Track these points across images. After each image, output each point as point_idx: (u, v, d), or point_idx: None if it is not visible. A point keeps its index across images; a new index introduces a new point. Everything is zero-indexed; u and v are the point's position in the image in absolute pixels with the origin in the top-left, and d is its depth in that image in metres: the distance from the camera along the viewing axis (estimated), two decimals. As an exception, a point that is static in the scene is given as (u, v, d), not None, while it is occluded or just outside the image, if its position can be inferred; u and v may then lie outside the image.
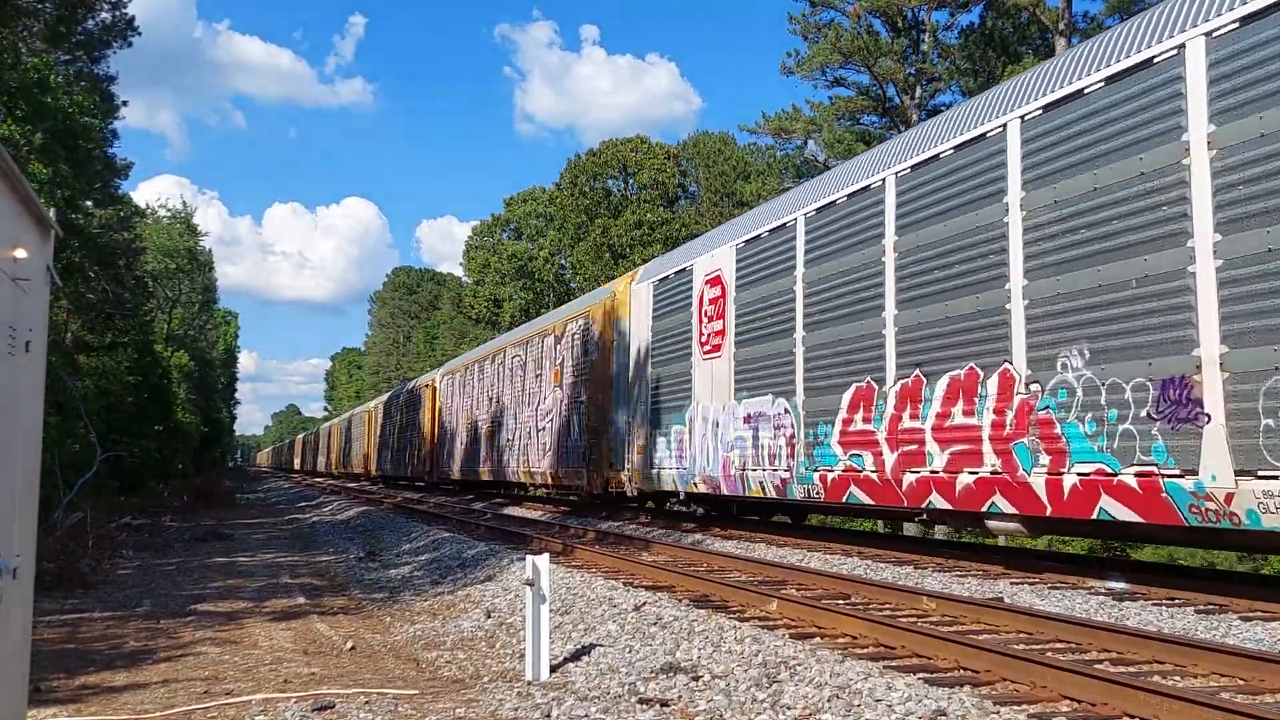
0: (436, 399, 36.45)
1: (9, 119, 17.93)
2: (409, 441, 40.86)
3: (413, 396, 40.62)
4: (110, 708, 5.95)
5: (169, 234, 48.72)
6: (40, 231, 3.57)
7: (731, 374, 14.91)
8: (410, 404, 41.18)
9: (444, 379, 35.86)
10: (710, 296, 15.74)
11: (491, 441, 28.03)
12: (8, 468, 3.21)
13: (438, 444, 35.69)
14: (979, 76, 31.75)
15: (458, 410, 32.93)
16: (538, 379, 24.11)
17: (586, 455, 20.37)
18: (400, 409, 43.87)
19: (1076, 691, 5.13)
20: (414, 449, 39.56)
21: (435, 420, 36.27)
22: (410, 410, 40.90)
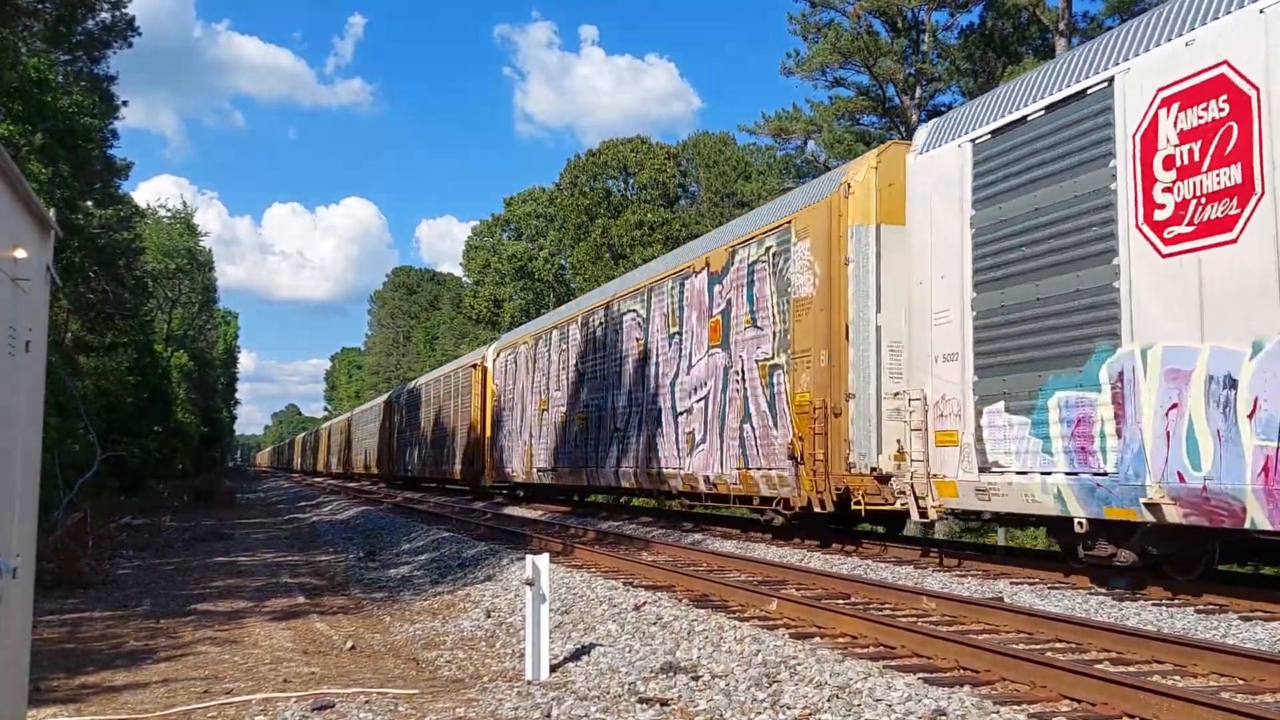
0: (488, 382, 29.48)
1: (9, 119, 17.92)
2: (444, 437, 34.28)
3: (453, 383, 33.93)
4: (110, 707, 5.95)
5: (169, 234, 48.72)
6: (40, 231, 3.57)
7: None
8: (450, 391, 34.12)
9: (500, 356, 28.88)
10: (1191, 125, 8.01)
11: (591, 432, 20.82)
12: (8, 468, 3.21)
13: (492, 438, 28.71)
14: (979, 77, 31.74)
15: (523, 393, 26.10)
16: (673, 340, 17.22)
17: (795, 449, 13.25)
18: (430, 400, 37.43)
19: (1076, 691, 5.13)
20: (453, 445, 32.96)
21: (487, 408, 29.48)
22: (449, 399, 34.18)
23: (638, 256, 44.46)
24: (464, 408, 31.71)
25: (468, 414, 31.09)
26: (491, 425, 28.82)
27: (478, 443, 29.98)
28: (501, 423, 27.91)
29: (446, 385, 34.61)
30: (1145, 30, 8.72)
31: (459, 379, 32.84)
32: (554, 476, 23.24)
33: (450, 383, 34.10)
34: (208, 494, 34.62)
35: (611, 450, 19.65)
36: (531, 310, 54.74)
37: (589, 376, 21.20)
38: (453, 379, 33.80)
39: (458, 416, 32.51)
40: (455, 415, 32.85)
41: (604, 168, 51.42)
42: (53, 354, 15.89)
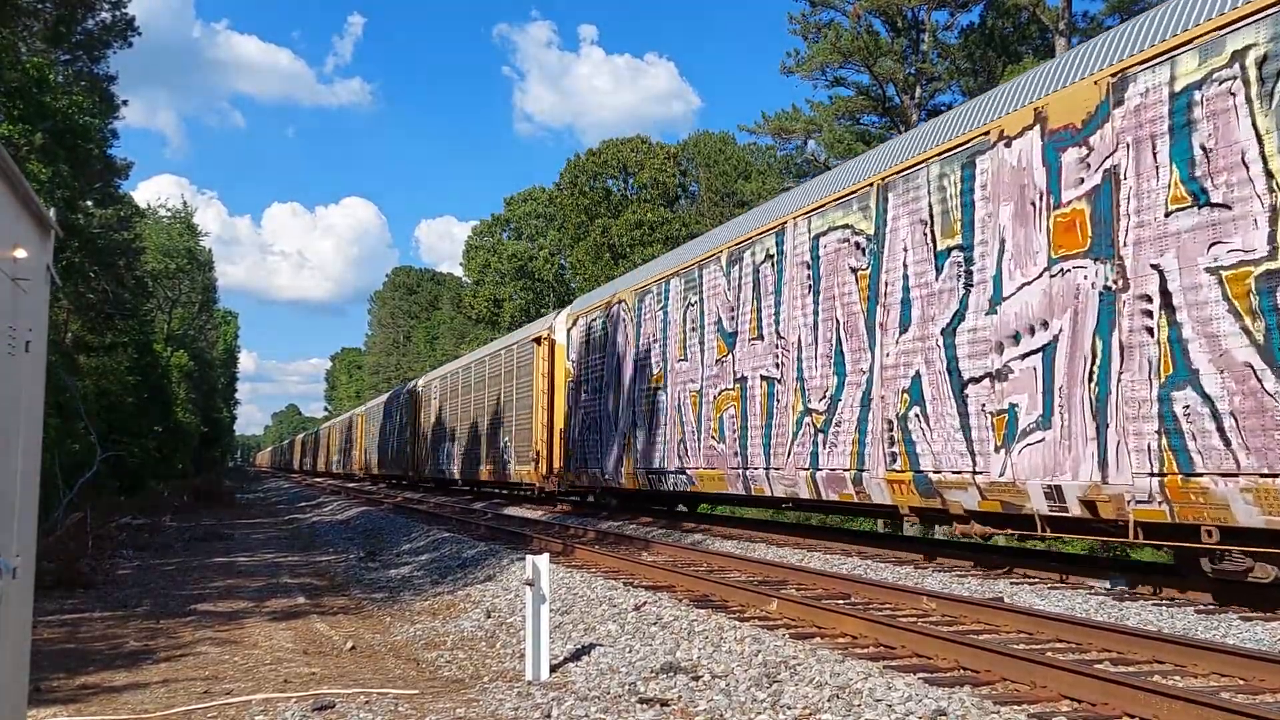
0: (558, 359, 22.77)
1: (9, 119, 17.93)
2: (497, 427, 27.42)
3: (506, 362, 27.00)
4: (110, 708, 5.95)
5: (169, 234, 48.72)
6: (40, 231, 3.57)
7: None
8: (504, 373, 27.42)
9: (578, 324, 21.77)
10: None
11: (756, 418, 14.09)
12: (7, 468, 3.21)
13: (565, 430, 22.09)
14: (979, 76, 31.75)
15: (619, 367, 19.39)
16: (948, 262, 10.58)
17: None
18: (469, 386, 31.08)
19: (1076, 691, 5.13)
20: (505, 440, 26.34)
21: (559, 391, 22.56)
22: (500, 383, 27.60)
23: (638, 256, 44.47)
24: (525, 392, 24.99)
25: (528, 400, 24.42)
26: (565, 413, 21.97)
27: (547, 436, 22.96)
28: (581, 407, 21.13)
29: (496, 367, 28.45)
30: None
31: (515, 358, 26.33)
32: (684, 481, 16.36)
33: (503, 362, 27.62)
34: (208, 494, 34.65)
35: (803, 442, 12.81)
36: (531, 310, 54.74)
37: (745, 337, 14.56)
38: (506, 358, 27.31)
39: (513, 405, 25.96)
40: (510, 403, 26.26)
41: (604, 167, 51.43)
42: (53, 354, 15.89)
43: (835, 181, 12.85)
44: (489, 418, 28.52)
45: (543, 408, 23.20)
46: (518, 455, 25.25)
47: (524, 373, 25.20)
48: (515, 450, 25.50)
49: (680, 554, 12.65)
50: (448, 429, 33.90)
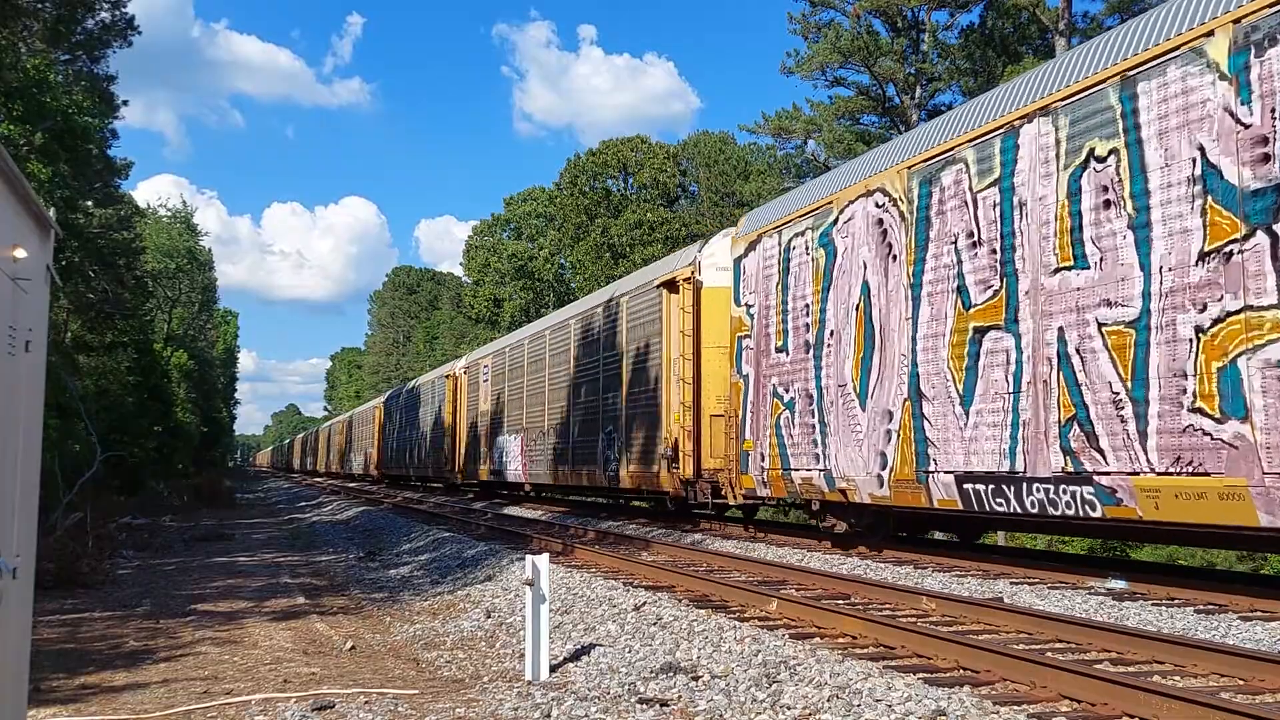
0: (713, 308, 16.29)
1: (9, 119, 17.92)
2: (595, 413, 20.35)
3: (629, 311, 19.03)
4: (110, 708, 5.95)
5: (169, 234, 48.72)
6: (40, 231, 3.57)
7: None
8: (597, 338, 20.58)
9: (757, 246, 14.34)
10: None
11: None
12: (7, 468, 3.21)
13: (754, 409, 14.19)
14: (979, 76, 31.75)
15: (886, 304, 11.54)
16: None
17: None
18: (552, 356, 23.38)
19: (1076, 691, 5.13)
20: (613, 429, 19.40)
21: (716, 356, 16.18)
22: (593, 351, 20.77)
23: (638, 256, 44.48)
24: (644, 360, 18.03)
25: (651, 372, 17.69)
26: (738, 386, 14.54)
27: (692, 422, 16.20)
28: (775, 374, 13.69)
29: (589, 330, 20.90)
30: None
31: (624, 314, 19.07)
32: (1099, 499, 8.87)
33: (601, 323, 20.13)
34: (208, 494, 34.64)
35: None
36: (531, 310, 54.72)
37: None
38: (607, 317, 19.85)
39: (620, 380, 19.03)
40: (615, 378, 19.26)
41: (604, 167, 51.44)
42: (53, 354, 15.90)
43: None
44: (576, 400, 21.36)
45: (682, 380, 16.20)
46: (635, 451, 17.84)
47: (642, 334, 18.16)
48: (627, 443, 18.24)
49: (680, 554, 12.65)
50: (508, 418, 26.62)
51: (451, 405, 33.35)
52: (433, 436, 35.87)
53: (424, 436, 37.52)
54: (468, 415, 31.64)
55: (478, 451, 29.91)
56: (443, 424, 34.03)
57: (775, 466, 13.41)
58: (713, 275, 16.43)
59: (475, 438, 30.42)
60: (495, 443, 28.02)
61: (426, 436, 37.01)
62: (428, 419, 36.89)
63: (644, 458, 17.68)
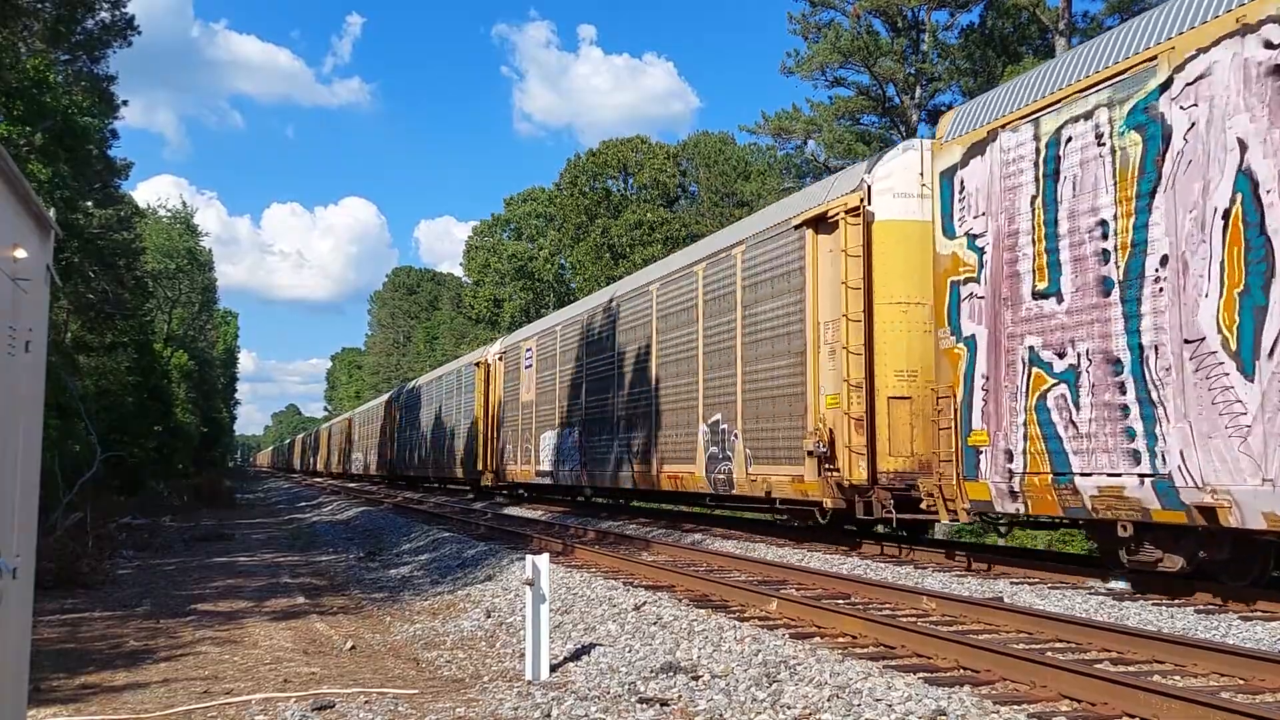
0: (902, 240, 12.07)
1: (9, 119, 17.92)
2: (691, 395, 16.34)
3: (761, 258, 14.39)
4: (110, 707, 5.95)
5: (169, 234, 48.71)
6: (40, 231, 3.57)
7: None
8: (694, 300, 16.42)
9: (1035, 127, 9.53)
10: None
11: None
12: (7, 468, 3.21)
13: (1004, 381, 9.74)
14: (979, 76, 31.74)
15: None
16: None
17: None
18: (630, 327, 19.14)
19: (1076, 691, 5.14)
20: (722, 419, 15.26)
21: (896, 313, 12.10)
22: (684, 315, 16.73)
23: (638, 256, 44.48)
24: (773, 323, 13.96)
25: (792, 338, 13.51)
26: (865, 369, 12.01)
27: (864, 399, 12.12)
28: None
29: (683, 291, 16.79)
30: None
31: (739, 268, 14.94)
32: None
33: (700, 282, 16.17)
34: (208, 494, 34.64)
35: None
36: (531, 310, 54.72)
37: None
38: (714, 272, 15.72)
39: (735, 350, 14.92)
40: (730, 349, 15.04)
41: (604, 167, 51.44)
42: (53, 354, 15.90)
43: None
44: (662, 384, 17.43)
45: (844, 350, 12.00)
46: (760, 446, 13.97)
47: (768, 291, 13.94)
48: (746, 437, 14.31)
49: (680, 554, 12.65)
50: (561, 409, 22.68)
51: (483, 397, 29.16)
52: (457, 433, 31.88)
53: (447, 433, 33.35)
54: (503, 408, 27.51)
55: (518, 449, 25.79)
56: (471, 418, 30.14)
57: (1038, 469, 9.11)
58: (889, 204, 12.05)
59: (515, 433, 26.12)
60: (542, 439, 23.74)
61: (450, 433, 32.96)
62: (451, 413, 32.91)
63: (775, 455, 13.51)
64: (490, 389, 28.91)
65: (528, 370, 25.73)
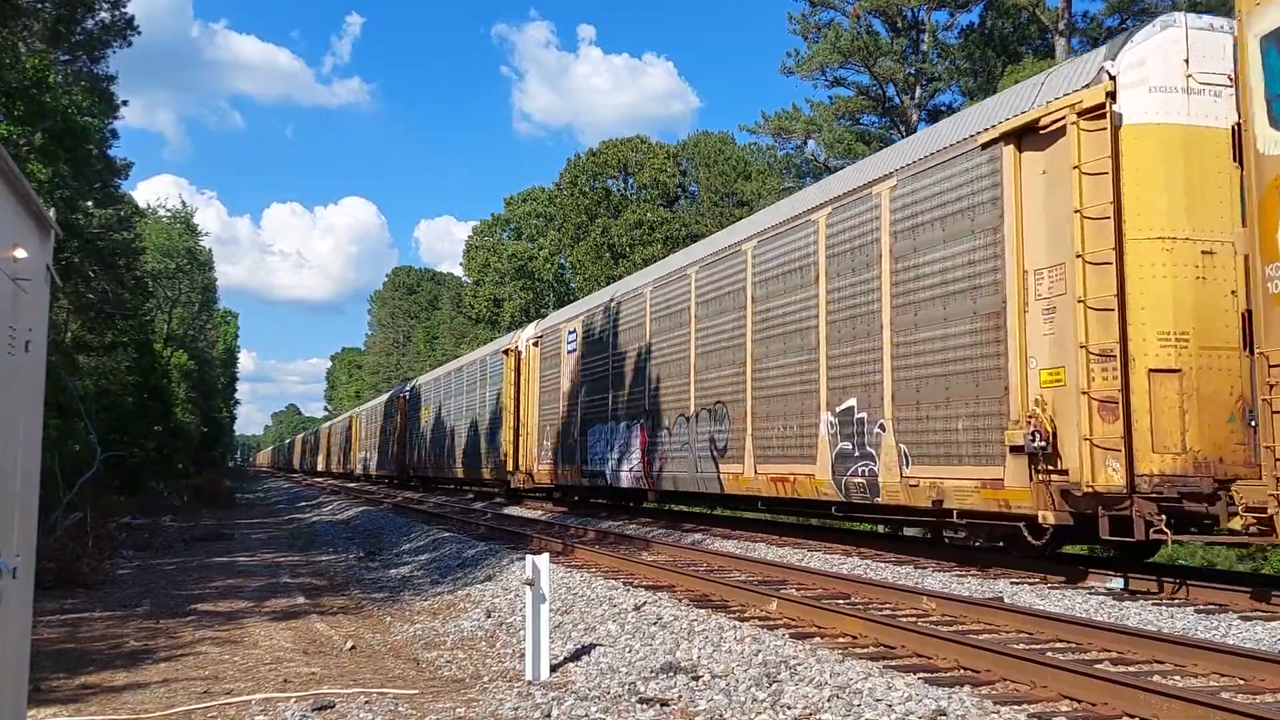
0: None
1: (9, 119, 17.92)
2: (856, 378, 12.10)
3: (949, 188, 10.64)
4: (110, 708, 5.95)
5: (169, 234, 48.71)
6: (40, 231, 3.57)
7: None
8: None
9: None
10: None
11: None
12: (8, 468, 3.21)
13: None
14: (979, 76, 31.75)
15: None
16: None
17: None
18: (753, 280, 14.56)
19: (1076, 691, 5.13)
20: (908, 400, 11.00)
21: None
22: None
23: (638, 256, 44.48)
24: (960, 283, 10.46)
25: (974, 300, 10.26)
26: (1119, 331, 8.82)
27: (1083, 396, 8.82)
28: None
29: (786, 245, 13.83)
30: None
31: (911, 197, 11.29)
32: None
33: (806, 235, 13.34)
34: (208, 494, 34.64)
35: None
36: (531, 310, 54.70)
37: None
38: (855, 214, 12.36)
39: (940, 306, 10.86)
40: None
41: (604, 167, 51.45)
42: (53, 354, 15.89)
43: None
44: (765, 362, 14.10)
45: (1084, 307, 8.91)
46: (925, 439, 10.80)
47: (936, 235, 10.80)
48: (901, 426, 11.16)
49: (680, 554, 12.65)
50: (617, 399, 19.38)
51: (513, 388, 25.90)
52: (480, 430, 28.69)
53: (470, 428, 30.04)
54: (538, 400, 24.21)
55: (559, 446, 22.36)
56: (498, 412, 26.86)
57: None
58: (1144, 102, 8.99)
59: (553, 429, 22.89)
60: (590, 434, 20.58)
61: (472, 428, 29.68)
62: (475, 407, 29.78)
63: (949, 452, 10.39)
64: (522, 379, 25.66)
65: (570, 355, 22.19)
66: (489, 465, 27.96)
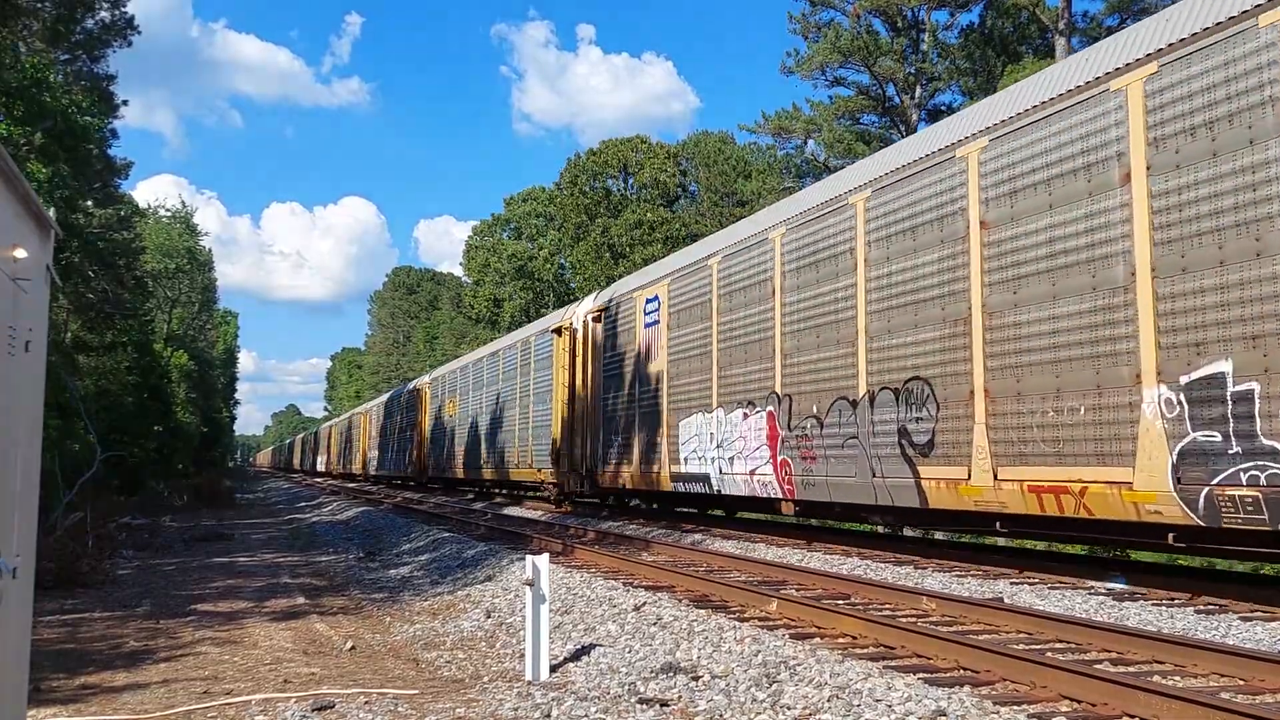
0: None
1: (8, 119, 17.92)
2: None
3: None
4: (110, 708, 5.95)
5: (169, 234, 48.71)
6: (40, 231, 3.57)
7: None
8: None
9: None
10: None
11: None
12: (8, 468, 3.21)
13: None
14: (979, 76, 31.75)
15: None
16: None
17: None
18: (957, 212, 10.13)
19: (1076, 691, 5.13)
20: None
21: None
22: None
23: (638, 256, 44.48)
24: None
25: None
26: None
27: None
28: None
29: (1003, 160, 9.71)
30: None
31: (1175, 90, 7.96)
32: None
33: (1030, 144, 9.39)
34: (208, 494, 34.65)
35: None
36: (531, 310, 54.69)
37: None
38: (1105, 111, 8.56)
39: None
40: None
41: (604, 167, 51.46)
42: (53, 354, 15.89)
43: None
44: (971, 309, 10.17)
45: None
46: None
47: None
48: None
49: (680, 554, 12.65)
50: (726, 381, 15.16)
51: (567, 373, 21.86)
52: (528, 425, 24.80)
53: (505, 423, 26.71)
54: (601, 386, 20.30)
55: (632, 442, 18.53)
56: (545, 403, 23.28)
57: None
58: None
59: (626, 421, 18.93)
60: (684, 426, 16.41)
61: (508, 422, 26.36)
62: (513, 397, 26.26)
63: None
64: (578, 361, 21.42)
65: (651, 329, 18.00)
66: (528, 463, 24.49)
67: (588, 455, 20.73)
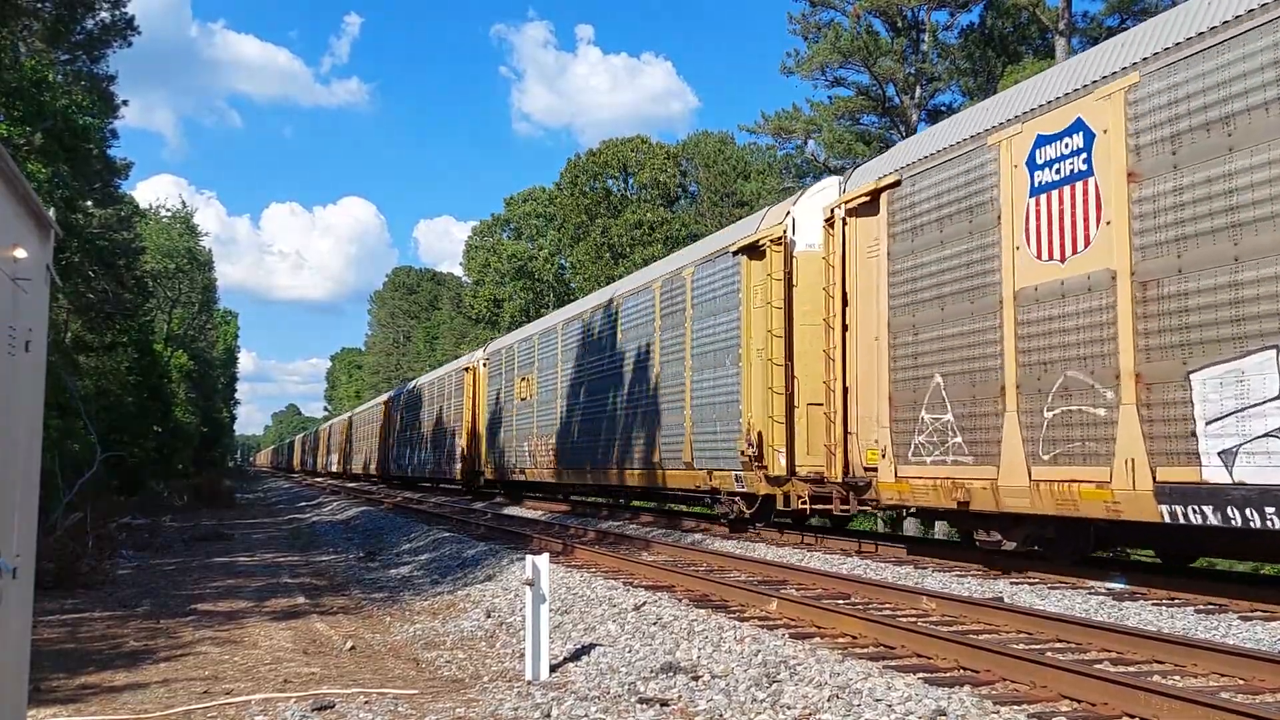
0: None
1: (8, 119, 17.91)
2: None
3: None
4: (110, 708, 5.95)
5: (169, 234, 48.69)
6: (40, 231, 3.57)
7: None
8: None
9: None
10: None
11: None
12: (8, 468, 3.21)
13: None
14: (979, 76, 31.75)
15: None
16: None
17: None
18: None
19: (1076, 691, 5.13)
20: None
21: None
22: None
23: (638, 256, 44.48)
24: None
25: None
26: None
27: None
28: None
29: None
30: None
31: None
32: None
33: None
34: (208, 494, 34.64)
35: None
36: (531, 310, 54.69)
37: None
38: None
39: None
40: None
41: (604, 167, 51.45)
42: (53, 354, 15.88)
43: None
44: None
45: None
46: None
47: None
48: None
49: (680, 554, 12.64)
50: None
51: (783, 313, 13.79)
52: (661, 406, 17.21)
53: (632, 408, 18.64)
54: (893, 318, 11.28)
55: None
56: (733, 366, 14.88)
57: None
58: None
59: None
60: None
61: (644, 407, 18.03)
62: (676, 359, 16.88)
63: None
64: (807, 293, 13.68)
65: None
66: (707, 459, 15.45)
67: (785, 450, 13.39)
